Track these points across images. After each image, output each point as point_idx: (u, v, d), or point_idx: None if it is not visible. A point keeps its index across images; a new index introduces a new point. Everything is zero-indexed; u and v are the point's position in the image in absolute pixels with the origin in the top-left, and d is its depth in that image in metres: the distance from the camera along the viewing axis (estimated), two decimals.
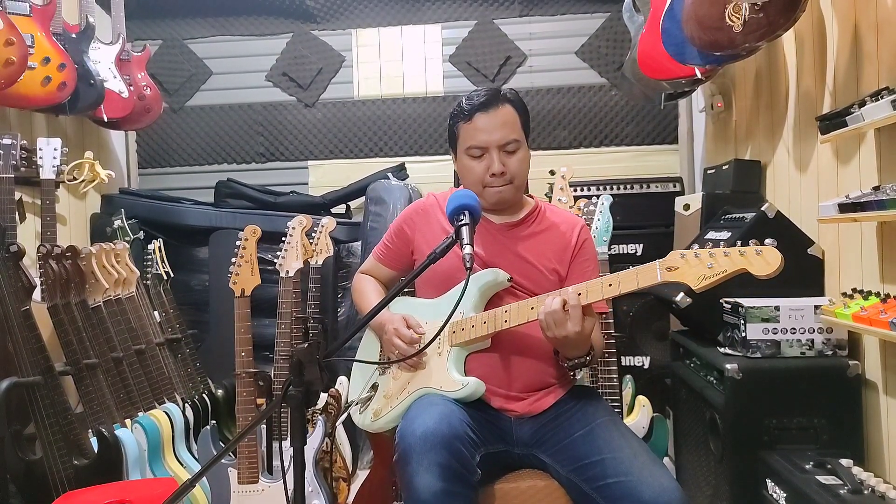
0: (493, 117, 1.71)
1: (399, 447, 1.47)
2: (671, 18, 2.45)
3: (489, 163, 1.72)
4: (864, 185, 1.96)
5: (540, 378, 1.72)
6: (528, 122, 1.79)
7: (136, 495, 1.82)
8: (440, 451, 1.40)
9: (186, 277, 3.48)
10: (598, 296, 1.54)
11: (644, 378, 2.97)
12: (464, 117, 1.74)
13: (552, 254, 1.78)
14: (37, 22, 2.73)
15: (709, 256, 1.43)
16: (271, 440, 2.27)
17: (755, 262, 1.38)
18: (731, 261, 1.40)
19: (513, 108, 1.74)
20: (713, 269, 1.41)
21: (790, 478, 1.75)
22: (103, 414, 2.30)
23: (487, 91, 1.75)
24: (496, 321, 1.64)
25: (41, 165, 2.72)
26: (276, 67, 3.98)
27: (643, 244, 3.20)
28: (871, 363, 2.00)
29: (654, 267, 1.50)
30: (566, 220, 1.86)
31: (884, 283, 1.92)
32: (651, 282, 1.50)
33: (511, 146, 1.72)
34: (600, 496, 1.46)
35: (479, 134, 1.72)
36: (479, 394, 1.62)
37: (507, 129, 1.72)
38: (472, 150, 1.74)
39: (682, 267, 1.46)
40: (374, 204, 3.35)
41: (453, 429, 1.45)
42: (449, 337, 1.69)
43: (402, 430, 1.51)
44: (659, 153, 3.80)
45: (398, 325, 1.72)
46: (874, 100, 1.77)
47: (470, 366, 1.68)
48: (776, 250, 1.37)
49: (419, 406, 1.58)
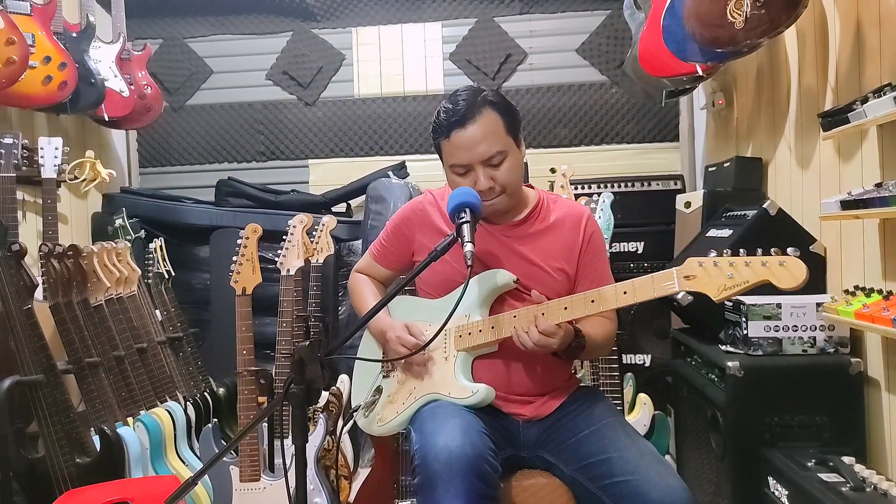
0: (471, 132, 1.58)
1: (422, 470, 1.41)
2: (672, 15, 2.44)
3: (475, 178, 1.61)
4: (867, 181, 1.96)
5: (547, 381, 1.69)
6: (515, 122, 1.65)
7: (138, 493, 1.82)
8: (468, 477, 1.36)
9: (188, 276, 3.48)
10: (612, 304, 1.51)
11: (645, 376, 2.97)
12: (441, 133, 1.63)
13: (558, 252, 1.71)
14: (37, 21, 2.73)
15: (729, 266, 1.36)
16: (273, 438, 2.27)
17: (779, 274, 1.32)
18: (752, 271, 1.34)
19: (494, 111, 1.61)
20: (734, 280, 1.35)
21: (792, 475, 1.75)
22: (105, 412, 2.30)
23: (465, 98, 1.61)
24: (504, 327, 1.60)
25: (42, 165, 2.73)
26: (276, 66, 3.98)
27: (644, 242, 3.20)
28: (874, 360, 2.00)
29: (672, 275, 1.43)
30: (571, 212, 1.76)
31: (886, 280, 1.92)
32: (668, 291, 1.44)
33: (496, 158, 1.61)
34: (606, 495, 1.45)
35: (458, 152, 1.61)
36: (489, 400, 1.59)
37: (489, 141, 1.59)
38: (456, 168, 1.64)
39: (701, 276, 1.40)
40: (375, 202, 3.34)
41: (477, 449, 1.41)
42: (455, 342, 1.66)
43: (422, 449, 1.44)
44: (660, 151, 3.80)
45: (400, 332, 1.67)
46: (876, 96, 1.76)
47: (477, 370, 1.65)
48: (801, 261, 1.31)
49: (434, 417, 1.53)
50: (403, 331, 1.68)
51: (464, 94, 1.64)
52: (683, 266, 1.43)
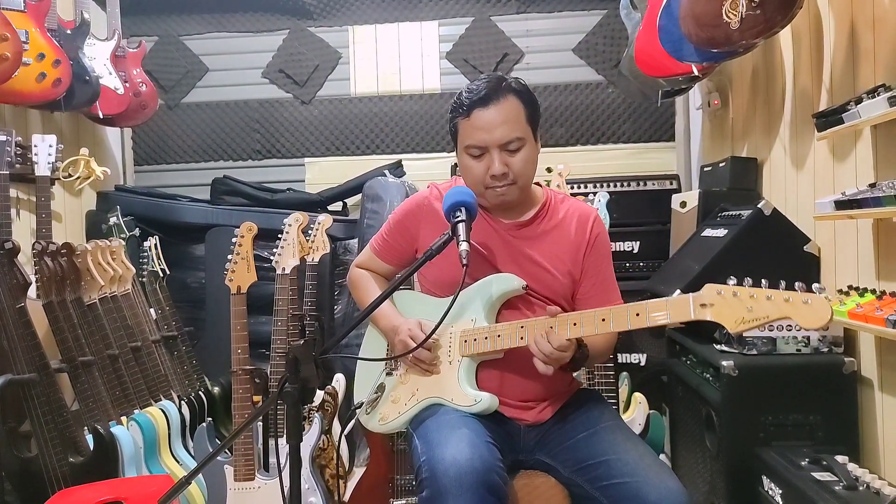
0: (493, 113, 1.57)
1: (430, 484, 1.38)
2: (668, 15, 2.45)
3: (489, 163, 1.60)
4: (861, 182, 1.96)
5: (549, 386, 1.67)
6: (536, 113, 1.65)
7: (132, 492, 1.82)
8: (478, 492, 1.35)
9: (182, 275, 3.47)
10: (624, 326, 1.47)
11: (640, 375, 2.98)
12: (462, 113, 1.61)
13: (565, 254, 1.69)
14: (31, 18, 2.72)
15: (749, 298, 1.30)
16: (268, 437, 2.27)
17: (801, 312, 1.25)
18: (774, 307, 1.28)
19: (518, 99, 1.60)
20: (753, 314, 1.29)
21: (786, 474, 1.76)
22: (99, 411, 2.30)
23: (489, 81, 1.61)
24: (511, 337, 1.57)
25: (36, 162, 2.71)
26: (272, 64, 3.97)
27: (640, 241, 3.20)
28: (867, 360, 2.01)
29: (688, 301, 1.38)
30: (578, 212, 1.74)
31: (879, 280, 1.92)
32: (682, 318, 1.39)
33: (513, 144, 1.59)
34: (604, 496, 1.44)
35: (477, 132, 1.59)
36: (492, 409, 1.57)
37: (509, 126, 1.58)
38: (472, 150, 1.62)
39: (719, 305, 1.33)
40: (371, 201, 3.34)
41: (486, 462, 1.39)
42: (460, 347, 1.64)
43: (430, 462, 1.41)
44: (656, 150, 3.80)
45: (413, 326, 1.65)
46: (871, 97, 1.77)
47: (480, 375, 1.64)
48: (825, 300, 1.24)
49: (440, 427, 1.51)
50: (417, 327, 1.65)
51: (488, 78, 1.63)
52: (701, 293, 1.37)
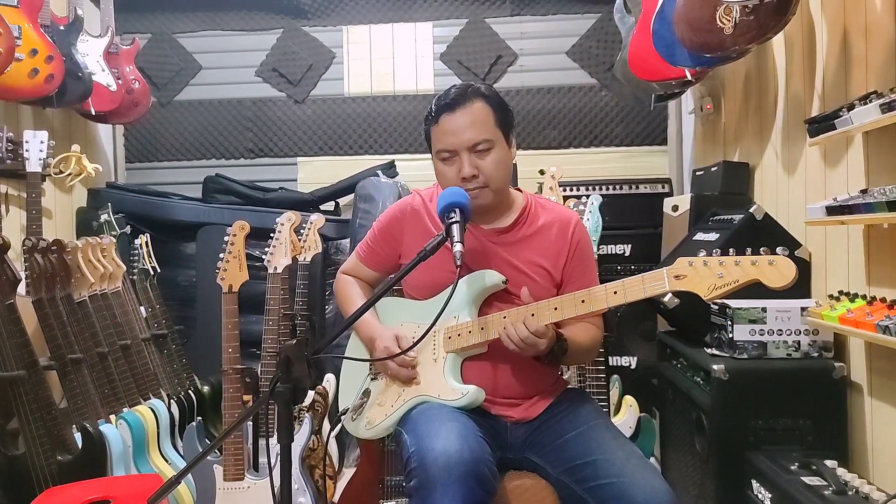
0: (459, 117, 1.60)
1: (419, 474, 1.40)
2: (662, 20, 2.46)
3: (459, 165, 1.62)
4: (852, 188, 1.98)
5: (535, 383, 1.69)
6: (506, 118, 1.67)
7: (121, 491, 1.80)
8: (467, 482, 1.35)
9: (173, 273, 3.45)
10: (603, 304, 1.51)
11: (631, 378, 2.98)
12: (431, 120, 1.65)
13: (546, 260, 1.70)
14: (24, 13, 2.70)
15: (719, 265, 1.37)
16: (258, 437, 2.26)
17: (768, 273, 1.33)
18: (742, 271, 1.35)
19: (485, 103, 1.63)
20: (723, 279, 1.36)
21: (775, 478, 1.76)
22: (88, 409, 2.28)
23: (458, 88, 1.65)
24: (494, 327, 1.59)
25: (27, 158, 2.70)
26: (266, 63, 3.96)
27: (631, 245, 3.21)
28: (857, 365, 2.02)
29: (662, 275, 1.44)
30: (559, 217, 1.75)
31: (870, 285, 1.94)
32: (658, 290, 1.45)
33: (482, 146, 1.61)
34: (591, 497, 1.45)
35: (445, 136, 1.62)
36: (479, 402, 1.59)
37: (477, 128, 1.60)
38: (442, 154, 1.64)
39: (691, 275, 1.40)
40: (364, 201, 3.34)
41: (475, 453, 1.40)
42: (444, 343, 1.65)
43: (419, 452, 1.42)
44: (648, 154, 3.82)
45: (389, 343, 1.66)
46: (863, 103, 1.78)
47: (466, 372, 1.65)
48: (790, 260, 1.32)
49: (429, 420, 1.51)
50: (392, 342, 1.66)
51: (457, 85, 1.67)
52: (674, 266, 1.43)
